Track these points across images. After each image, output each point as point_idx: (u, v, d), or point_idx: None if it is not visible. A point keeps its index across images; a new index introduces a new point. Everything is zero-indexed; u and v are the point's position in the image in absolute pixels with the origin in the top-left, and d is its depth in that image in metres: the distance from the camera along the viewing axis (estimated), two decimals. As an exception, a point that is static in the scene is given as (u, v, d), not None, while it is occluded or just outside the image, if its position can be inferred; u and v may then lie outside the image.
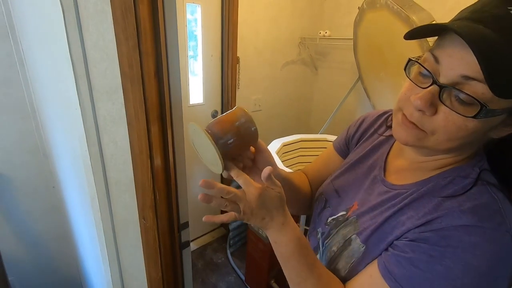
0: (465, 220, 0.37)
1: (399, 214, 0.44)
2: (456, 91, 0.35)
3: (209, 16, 1.72)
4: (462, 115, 0.35)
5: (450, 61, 0.36)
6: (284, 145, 1.69)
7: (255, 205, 0.44)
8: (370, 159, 0.58)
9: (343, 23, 2.07)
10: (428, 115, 0.38)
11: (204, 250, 2.13)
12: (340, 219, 0.54)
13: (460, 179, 0.42)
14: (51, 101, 0.96)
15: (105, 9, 0.59)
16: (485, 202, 0.38)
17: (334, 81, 2.28)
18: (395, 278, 0.39)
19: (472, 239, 0.36)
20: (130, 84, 0.64)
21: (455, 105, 0.36)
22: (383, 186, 0.51)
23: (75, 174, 0.87)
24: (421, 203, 0.43)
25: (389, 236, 0.43)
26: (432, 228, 0.39)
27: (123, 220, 0.76)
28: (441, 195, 0.41)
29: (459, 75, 0.35)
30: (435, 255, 0.37)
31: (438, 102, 0.37)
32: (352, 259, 0.47)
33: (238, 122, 0.47)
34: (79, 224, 1.10)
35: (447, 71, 0.36)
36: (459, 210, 0.38)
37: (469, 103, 0.35)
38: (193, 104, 1.83)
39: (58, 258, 1.42)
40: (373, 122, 0.62)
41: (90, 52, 0.62)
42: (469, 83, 0.34)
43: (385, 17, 1.38)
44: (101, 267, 0.82)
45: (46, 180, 1.28)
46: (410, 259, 0.39)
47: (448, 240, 0.37)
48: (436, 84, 0.37)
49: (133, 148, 0.69)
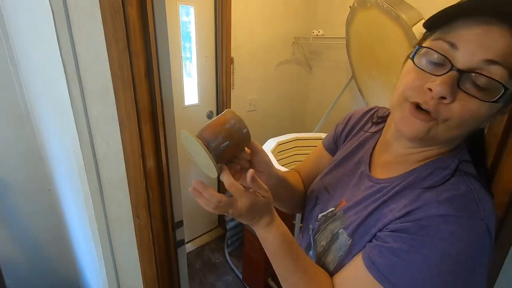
0: (442, 210, 0.38)
1: (383, 207, 0.45)
2: (478, 75, 0.34)
3: (202, 17, 1.73)
4: (483, 100, 0.35)
5: (469, 46, 0.34)
6: (279, 144, 1.70)
7: (245, 212, 0.45)
8: (356, 156, 0.59)
9: (336, 22, 2.09)
10: (446, 102, 0.36)
11: (202, 250, 2.14)
12: (329, 215, 0.55)
13: (440, 170, 0.43)
14: (44, 104, 0.97)
15: (94, 12, 0.60)
16: (461, 192, 0.39)
17: (328, 80, 2.29)
18: (378, 268, 0.40)
19: (449, 227, 0.37)
20: (121, 85, 0.65)
21: (473, 91, 0.35)
22: (369, 181, 0.52)
23: (69, 175, 0.88)
24: (403, 195, 0.44)
25: (373, 228, 0.45)
26: (411, 219, 0.40)
27: (117, 219, 0.77)
28: (422, 187, 0.43)
29: (481, 59, 0.34)
30: (414, 245, 0.38)
31: (456, 89, 0.36)
32: (340, 252, 0.48)
33: (228, 124, 0.47)
34: (75, 225, 1.11)
35: (467, 56, 0.35)
36: (436, 201, 0.39)
37: (486, 88, 0.34)
38: (189, 105, 1.84)
39: (55, 260, 1.42)
40: (360, 119, 0.64)
41: (81, 54, 0.63)
42: (489, 68, 0.34)
43: (376, 15, 1.40)
44: (97, 265, 0.83)
45: (42, 183, 1.29)
46: (391, 249, 0.40)
47: (426, 230, 0.38)
48: (455, 69, 0.35)
49: (125, 148, 0.70)
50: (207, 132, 0.47)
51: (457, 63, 0.36)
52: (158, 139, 0.74)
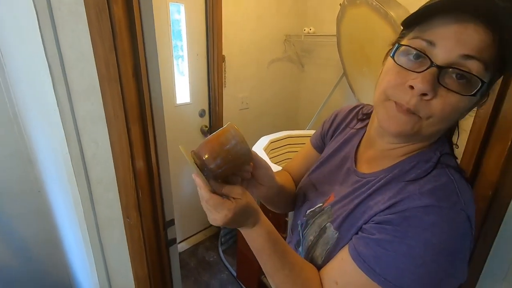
0: (424, 201, 0.39)
1: (368, 200, 0.46)
2: (456, 70, 0.35)
3: (193, 15, 1.72)
4: (463, 94, 0.36)
5: (447, 43, 0.36)
6: (271, 142, 1.71)
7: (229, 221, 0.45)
8: (343, 152, 0.60)
9: (327, 19, 2.10)
10: (427, 99, 0.37)
11: (196, 249, 2.14)
12: (317, 210, 0.56)
13: (422, 163, 0.45)
14: (31, 105, 0.96)
15: (79, 10, 0.59)
16: (442, 183, 0.41)
17: (320, 77, 2.30)
18: (364, 259, 0.41)
19: (431, 218, 0.38)
20: (107, 85, 0.65)
21: (453, 85, 0.36)
22: (355, 176, 0.53)
23: (58, 176, 0.87)
24: (388, 188, 0.45)
25: (359, 221, 0.46)
26: (395, 211, 0.41)
27: (107, 219, 0.77)
28: (405, 180, 0.44)
29: (458, 55, 0.35)
30: (398, 236, 0.39)
31: (436, 85, 0.37)
32: (327, 246, 0.49)
33: (228, 145, 0.44)
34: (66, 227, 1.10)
35: (444, 53, 0.36)
36: (419, 193, 0.40)
37: (465, 82, 0.36)
38: (180, 104, 1.83)
39: (46, 263, 1.41)
40: (345, 116, 0.65)
41: (66, 53, 0.62)
42: (466, 62, 0.35)
43: (365, 13, 1.41)
44: (87, 267, 0.82)
45: (31, 185, 1.27)
46: (376, 240, 0.41)
47: (409, 221, 0.39)
48: (434, 66, 0.36)
49: (114, 148, 0.70)
50: (204, 151, 0.44)
51: (436, 60, 0.37)
52: (148, 139, 0.74)
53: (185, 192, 2.04)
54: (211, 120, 2.00)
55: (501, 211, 0.73)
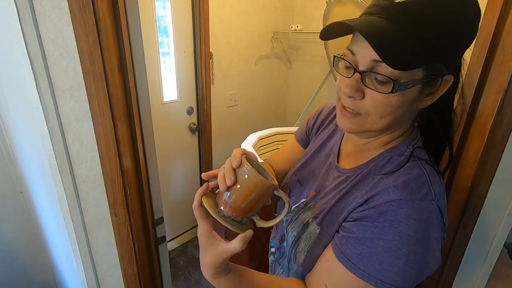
0: (398, 195, 0.41)
1: (348, 195, 0.48)
2: (373, 73, 0.40)
3: (180, 11, 1.70)
4: (383, 92, 0.40)
5: (361, 51, 0.41)
6: (260, 139, 1.72)
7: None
8: (327, 148, 0.62)
9: (314, 16, 2.12)
10: (358, 100, 0.43)
11: (186, 247, 2.13)
12: (301, 205, 0.57)
13: (396, 157, 0.47)
14: (12, 102, 0.93)
15: (61, 5, 0.58)
16: (415, 175, 0.43)
17: (307, 74, 2.33)
18: (348, 258, 0.42)
19: (404, 211, 0.40)
20: (92, 81, 0.64)
21: (376, 85, 0.41)
22: (336, 171, 0.54)
23: (42, 175, 0.85)
24: (365, 183, 0.47)
25: (340, 216, 0.47)
26: (372, 205, 0.43)
27: (94, 218, 0.75)
28: (380, 173, 0.46)
29: (370, 60, 0.40)
30: (376, 232, 0.41)
31: (363, 87, 0.42)
32: (309, 241, 0.50)
33: (259, 203, 0.44)
34: (51, 227, 1.07)
35: (361, 60, 0.41)
36: (393, 186, 0.42)
37: (385, 82, 0.40)
38: (168, 101, 1.81)
39: (31, 265, 1.37)
40: (329, 113, 0.66)
41: (49, 49, 0.60)
42: (380, 65, 0.39)
43: (351, 10, 1.43)
44: (74, 267, 0.81)
45: (13, 185, 1.23)
46: (357, 238, 0.42)
47: (385, 216, 0.41)
48: (357, 71, 0.42)
49: (100, 145, 0.69)
50: (232, 209, 0.42)
51: (360, 66, 0.42)
52: (135, 136, 0.73)
53: (174, 190, 2.03)
54: (199, 118, 1.98)
55: (479, 201, 0.77)
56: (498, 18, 0.65)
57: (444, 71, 0.41)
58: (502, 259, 1.21)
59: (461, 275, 0.86)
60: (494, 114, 0.69)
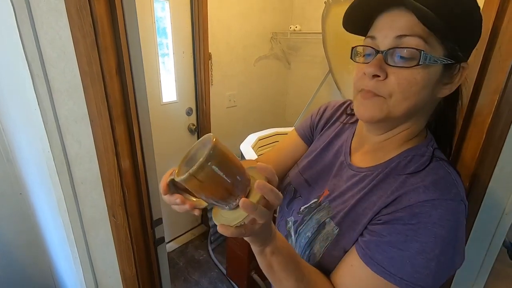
0: (429, 195, 0.41)
1: (370, 195, 0.47)
2: (397, 49, 0.41)
3: (178, 12, 1.70)
4: (408, 66, 0.41)
5: (382, 33, 0.43)
6: (260, 139, 1.72)
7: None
8: (335, 146, 0.60)
9: (313, 17, 2.12)
10: (381, 79, 0.43)
11: (186, 248, 2.13)
12: (313, 206, 0.55)
13: (418, 157, 0.46)
14: (11, 103, 0.93)
15: (58, 7, 0.58)
16: (442, 176, 0.43)
17: (306, 74, 2.33)
18: (377, 262, 0.41)
19: (438, 212, 0.40)
20: (90, 82, 0.64)
21: (399, 62, 0.42)
22: (350, 170, 0.53)
23: (41, 177, 0.85)
24: (388, 182, 0.46)
25: (362, 217, 0.46)
26: (401, 206, 0.42)
27: (92, 219, 0.76)
28: (405, 173, 0.45)
29: (393, 37, 0.41)
30: (410, 234, 0.40)
31: (386, 66, 0.43)
32: (326, 242, 0.49)
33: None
34: (50, 229, 1.07)
35: (383, 40, 0.43)
36: (423, 185, 0.42)
37: (409, 57, 0.41)
38: (167, 102, 1.81)
39: (30, 266, 1.37)
40: (335, 111, 0.65)
41: (46, 50, 0.61)
42: (402, 41, 0.41)
43: (349, 11, 1.43)
44: (73, 268, 0.81)
45: (12, 186, 1.23)
46: (388, 242, 0.41)
47: (419, 217, 0.40)
48: (379, 52, 0.43)
49: (98, 146, 0.69)
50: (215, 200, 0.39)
51: (380, 48, 0.43)
52: (133, 137, 0.73)
53: (173, 191, 2.03)
54: (198, 119, 1.98)
55: (478, 201, 0.76)
56: (495, 18, 0.65)
57: (461, 56, 0.42)
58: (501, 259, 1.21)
59: (460, 275, 0.86)
60: (492, 113, 0.69)
